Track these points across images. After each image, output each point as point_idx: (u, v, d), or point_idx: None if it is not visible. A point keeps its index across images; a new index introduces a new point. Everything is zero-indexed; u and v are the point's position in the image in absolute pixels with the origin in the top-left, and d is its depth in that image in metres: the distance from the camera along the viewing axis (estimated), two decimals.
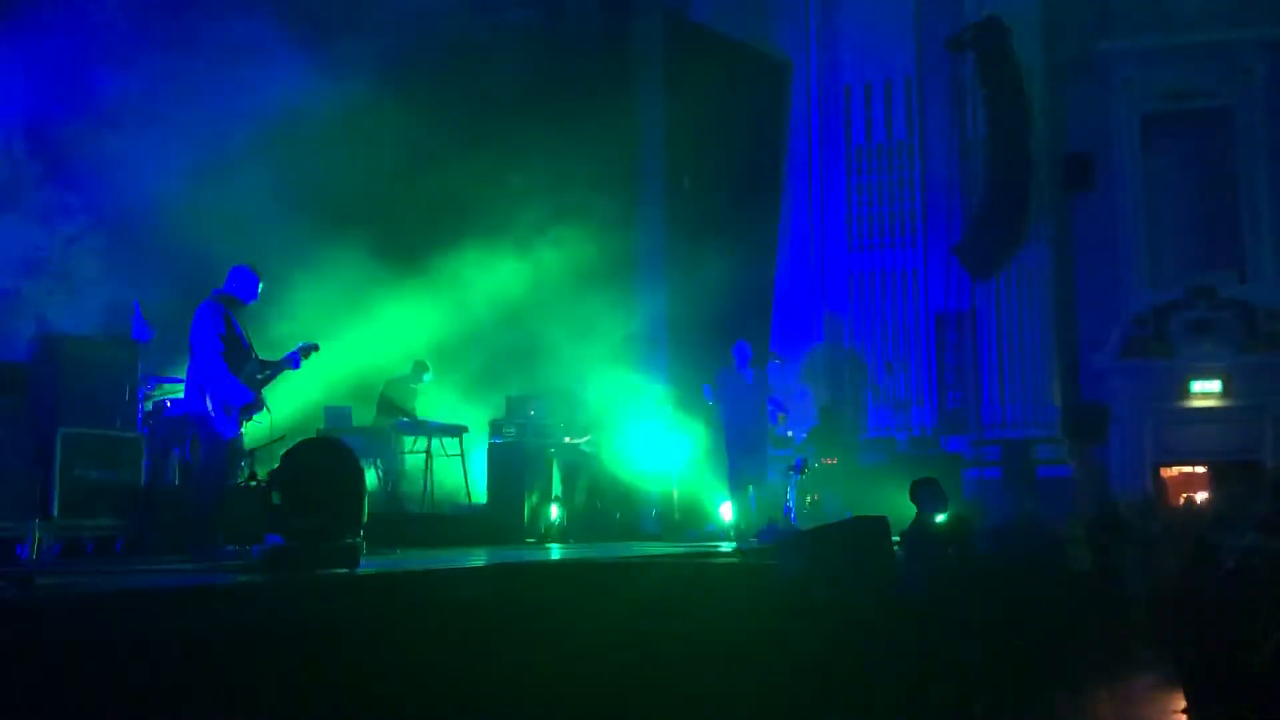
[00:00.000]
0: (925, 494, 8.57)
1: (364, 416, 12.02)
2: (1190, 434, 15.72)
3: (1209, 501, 14.71)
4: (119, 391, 8.18)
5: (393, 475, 11.81)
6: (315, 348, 8.07)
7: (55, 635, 3.98)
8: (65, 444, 7.86)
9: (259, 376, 7.77)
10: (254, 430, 8.20)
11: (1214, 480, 15.35)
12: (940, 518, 8.26)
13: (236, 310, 7.74)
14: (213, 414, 7.49)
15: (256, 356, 7.82)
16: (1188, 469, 16.00)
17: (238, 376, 7.55)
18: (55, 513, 7.74)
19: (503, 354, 12.95)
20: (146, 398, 8.82)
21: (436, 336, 12.40)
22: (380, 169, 12.20)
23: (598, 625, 5.73)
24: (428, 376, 12.17)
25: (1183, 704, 6.44)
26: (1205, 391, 15.57)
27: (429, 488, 11.81)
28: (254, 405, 7.67)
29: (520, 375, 12.86)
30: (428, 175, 12.13)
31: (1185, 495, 15.32)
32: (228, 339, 7.55)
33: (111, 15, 10.33)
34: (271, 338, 8.73)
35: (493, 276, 12.64)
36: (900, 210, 16.32)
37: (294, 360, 7.95)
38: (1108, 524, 10.74)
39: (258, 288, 7.87)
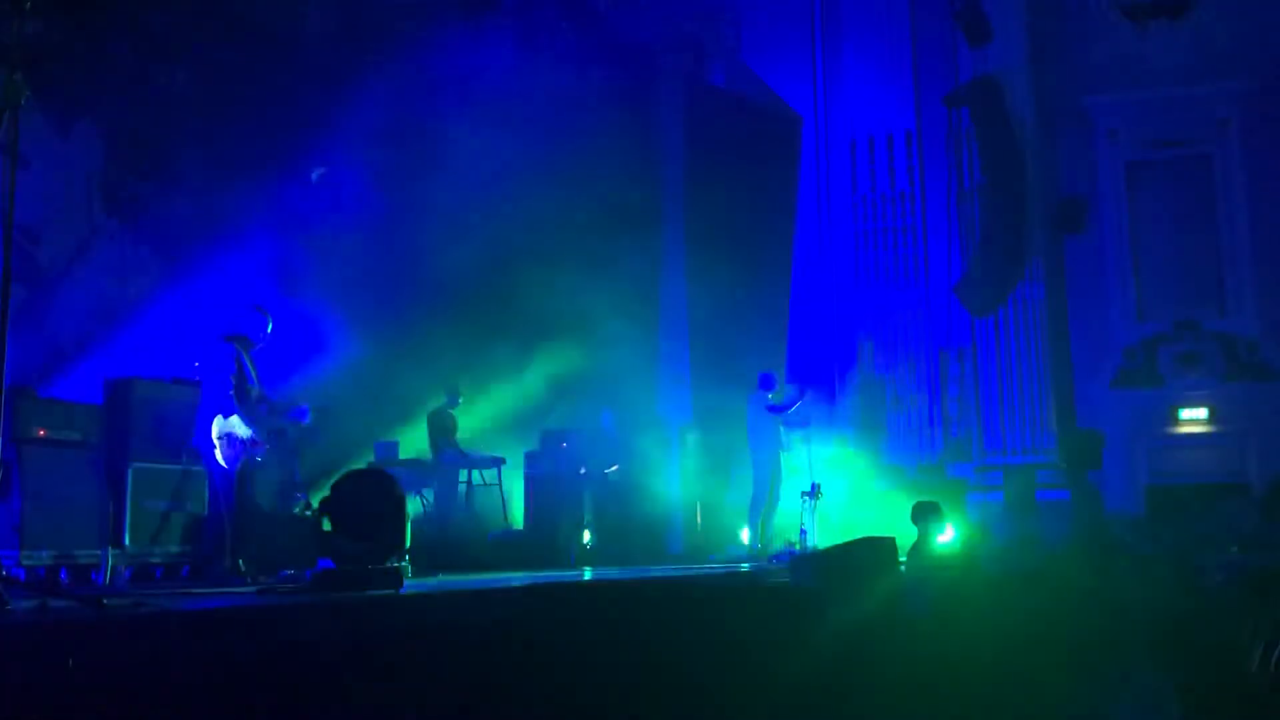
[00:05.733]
0: (925, 515, 8.51)
1: (410, 449, 12.03)
2: (1180, 458, 15.54)
3: (1199, 520, 14.50)
4: (184, 429, 8.23)
5: (436, 504, 11.81)
6: (327, 409, 8.02)
7: (122, 652, 3.98)
8: (136, 478, 7.92)
9: (265, 417, 7.70)
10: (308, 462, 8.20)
11: (1203, 501, 15.15)
12: (939, 536, 8.20)
13: (246, 350, 7.70)
14: (216, 445, 7.45)
15: (266, 397, 7.76)
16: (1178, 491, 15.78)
17: (244, 413, 7.51)
18: (126, 541, 7.78)
19: (536, 390, 12.97)
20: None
21: (475, 374, 12.43)
22: (420, 221, 12.26)
23: (627, 640, 5.69)
24: (460, 399, 12.12)
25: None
26: (1193, 418, 15.42)
27: (470, 515, 11.80)
28: (257, 442, 7.58)
29: (553, 410, 12.86)
30: (463, 230, 12.20)
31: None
32: (237, 376, 7.52)
33: (182, 86, 10.48)
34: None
35: (527, 318, 12.68)
36: (903, 254, 16.30)
37: (302, 414, 7.90)
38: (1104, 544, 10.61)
39: (267, 328, 7.83)
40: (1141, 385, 15.62)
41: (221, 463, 7.43)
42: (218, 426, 7.44)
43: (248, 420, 7.46)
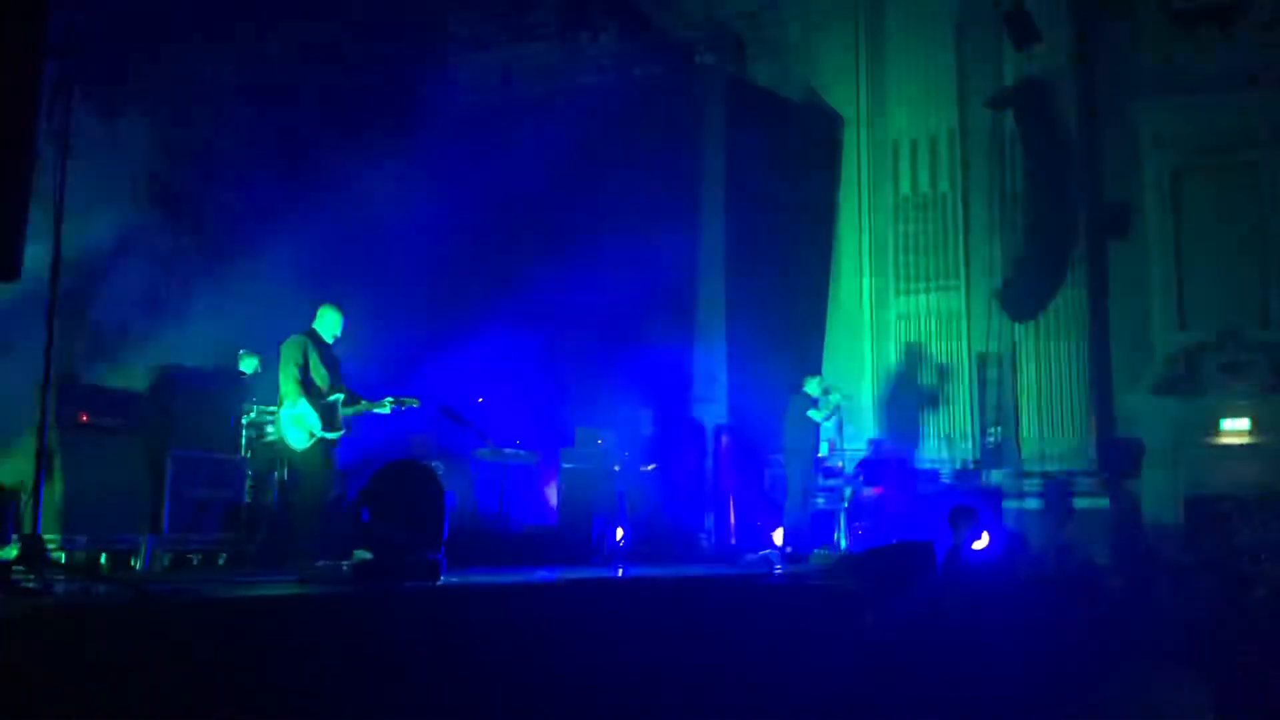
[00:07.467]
0: (962, 521, 8.44)
1: (445, 442, 12.07)
2: (1221, 469, 15.27)
3: (1240, 533, 14.29)
4: (224, 418, 8.30)
5: (472, 498, 11.86)
6: (415, 403, 8.13)
7: (162, 637, 4.01)
8: (175, 465, 8.00)
9: (341, 408, 7.82)
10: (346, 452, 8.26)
11: (1245, 513, 14.92)
12: (976, 543, 8.13)
13: (318, 344, 7.85)
14: (284, 433, 7.62)
15: (343, 389, 7.89)
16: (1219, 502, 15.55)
17: (311, 404, 7.65)
18: (165, 528, 7.85)
19: (572, 386, 12.99)
20: (250, 424, 8.94)
21: (512, 369, 12.47)
22: (458, 216, 12.32)
23: (659, 638, 5.68)
24: (495, 393, 12.20)
25: None
26: (1235, 429, 15.17)
27: (504, 510, 11.82)
28: (323, 432, 7.69)
29: (589, 407, 12.88)
30: (501, 226, 12.23)
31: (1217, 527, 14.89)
32: (303, 368, 7.70)
33: (229, 77, 10.58)
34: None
35: (564, 315, 12.70)
36: (944, 257, 16.11)
37: (383, 407, 8.00)
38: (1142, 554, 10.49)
39: (340, 325, 8.00)
40: (1183, 394, 15.38)
41: (292, 448, 7.64)
42: (283, 415, 7.63)
43: (313, 410, 7.63)
